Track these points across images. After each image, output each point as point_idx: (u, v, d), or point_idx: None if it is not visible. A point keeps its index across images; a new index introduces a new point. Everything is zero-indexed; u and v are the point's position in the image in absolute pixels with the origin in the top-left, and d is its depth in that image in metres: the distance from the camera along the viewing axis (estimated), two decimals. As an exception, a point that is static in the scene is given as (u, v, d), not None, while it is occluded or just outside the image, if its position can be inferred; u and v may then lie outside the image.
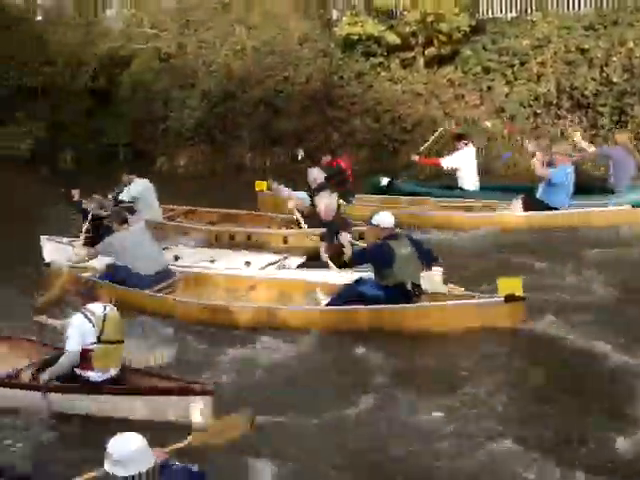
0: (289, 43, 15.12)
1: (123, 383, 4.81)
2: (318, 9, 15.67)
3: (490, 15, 14.55)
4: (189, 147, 15.27)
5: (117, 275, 6.73)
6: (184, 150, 15.34)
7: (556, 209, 8.95)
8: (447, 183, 10.50)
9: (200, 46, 15.90)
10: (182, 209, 10.21)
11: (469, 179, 10.09)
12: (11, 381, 4.87)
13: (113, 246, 6.82)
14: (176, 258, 7.71)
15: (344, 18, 14.97)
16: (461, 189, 10.13)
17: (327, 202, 7.02)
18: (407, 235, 6.28)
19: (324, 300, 6.12)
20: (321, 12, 15.72)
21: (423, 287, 6.00)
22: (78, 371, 4.78)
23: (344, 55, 14.70)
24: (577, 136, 10.19)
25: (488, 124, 12.27)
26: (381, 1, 14.49)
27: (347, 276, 6.30)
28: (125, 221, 7.00)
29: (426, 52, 13.91)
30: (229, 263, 7.49)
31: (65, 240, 8.15)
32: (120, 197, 9.10)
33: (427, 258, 6.15)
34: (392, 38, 14.22)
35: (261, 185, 9.50)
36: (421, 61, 14.09)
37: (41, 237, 8.34)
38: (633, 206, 8.81)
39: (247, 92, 14.88)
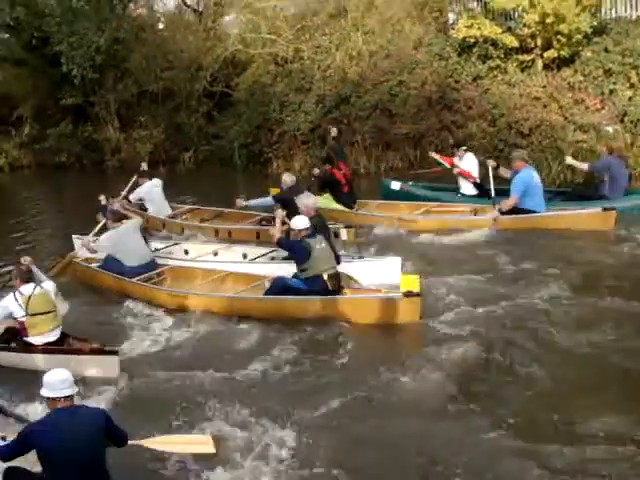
0: (404, 47, 16.36)
1: (60, 345, 6.50)
2: (434, 12, 16.58)
3: (613, 15, 14.92)
4: (304, 151, 16.60)
5: (110, 265, 8.53)
6: (299, 154, 16.73)
7: (533, 212, 10.04)
8: (453, 187, 11.73)
9: (316, 51, 17.40)
10: (186, 208, 12.12)
11: (468, 184, 11.29)
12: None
13: (107, 241, 8.57)
14: (186, 252, 9.49)
15: (460, 21, 16.02)
16: (462, 194, 11.38)
17: (305, 202, 8.28)
18: (323, 234, 7.61)
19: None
20: (437, 15, 16.81)
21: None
22: (23, 337, 6.55)
23: (460, 58, 15.84)
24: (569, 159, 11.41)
25: (609, 129, 12.84)
26: (499, 3, 15.24)
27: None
28: (119, 219, 8.73)
29: (545, 54, 14.65)
30: (229, 256, 9.10)
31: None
32: (130, 197, 11.13)
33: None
34: (510, 40, 15.03)
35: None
36: (539, 64, 14.89)
37: (73, 236, 10.16)
38: (604, 209, 9.70)
39: (362, 97, 16.21)
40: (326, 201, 10.89)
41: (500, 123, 14.60)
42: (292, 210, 8.38)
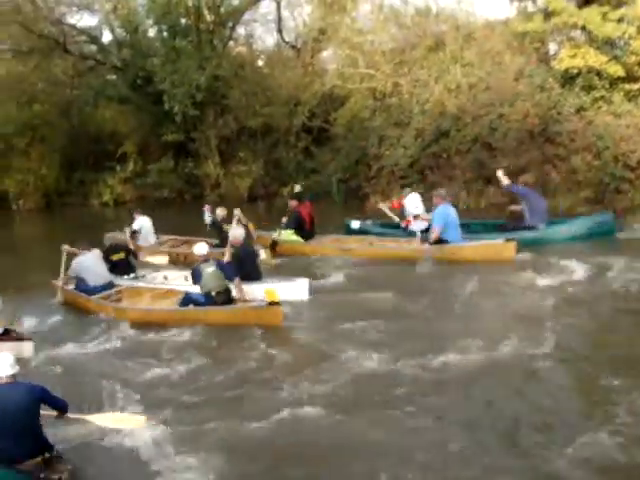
0: (505, 79, 16.94)
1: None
2: (535, 43, 17.13)
3: None
4: (402, 186, 17.29)
5: (79, 285, 10.75)
6: (397, 189, 17.47)
7: (446, 242, 11.79)
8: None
9: (414, 85, 18.28)
10: (166, 237, 14.88)
11: (417, 222, 13.12)
12: None
13: (76, 266, 10.78)
14: (165, 277, 11.76)
15: (563, 50, 16.51)
16: (411, 230, 13.08)
17: (236, 234, 10.57)
18: (216, 259, 9.88)
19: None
20: (538, 46, 17.31)
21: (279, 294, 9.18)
22: None
23: (563, 89, 16.32)
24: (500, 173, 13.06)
25: None
26: (603, 31, 15.64)
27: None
28: (88, 248, 10.96)
29: (654, 83, 14.93)
30: (171, 278, 11.67)
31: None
32: (132, 228, 14.04)
33: (230, 275, 9.67)
34: (615, 69, 15.45)
35: None
36: (648, 93, 15.08)
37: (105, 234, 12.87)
38: (506, 240, 11.29)
39: (461, 130, 16.89)
40: (286, 234, 13.36)
41: (605, 156, 14.91)
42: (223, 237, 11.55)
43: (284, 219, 13.66)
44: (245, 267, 10.16)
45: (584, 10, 16.39)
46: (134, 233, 14.00)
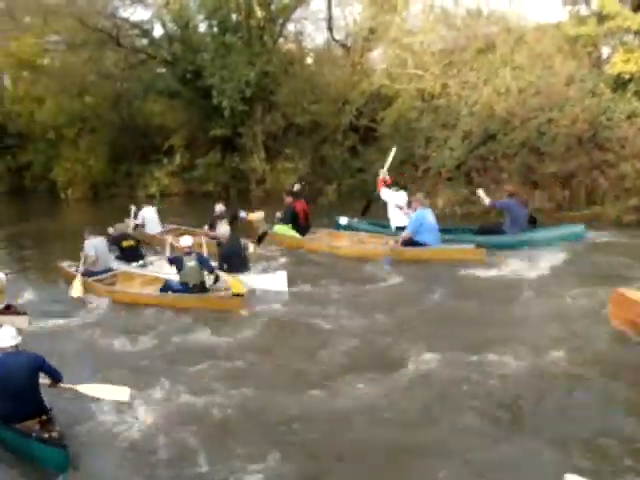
0: (555, 83, 17.05)
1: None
2: (587, 47, 17.21)
3: None
4: (448, 188, 17.67)
5: (88, 270, 12.13)
6: (443, 190, 17.79)
7: (423, 245, 12.76)
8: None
9: (463, 87, 18.50)
10: (171, 227, 16.68)
11: (393, 218, 13.97)
12: None
13: (91, 249, 12.21)
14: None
15: (616, 55, 16.52)
16: (397, 227, 13.89)
17: (222, 230, 12.10)
18: (197, 253, 11.25)
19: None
20: (590, 50, 17.38)
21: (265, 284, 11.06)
22: None
23: (614, 94, 16.36)
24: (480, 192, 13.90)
25: None
26: (659, 35, 15.66)
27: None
28: (92, 234, 12.37)
29: None
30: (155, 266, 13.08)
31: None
32: (135, 222, 15.95)
33: (209, 268, 11.10)
34: (669, 76, 15.36)
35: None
36: (702, 99, 15.13)
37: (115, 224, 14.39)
38: (477, 246, 12.37)
39: (509, 134, 17.08)
40: (283, 229, 14.60)
41: (656, 163, 15.01)
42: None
43: (278, 214, 14.88)
44: (232, 260, 11.63)
45: (639, 14, 16.46)
46: (137, 227, 15.86)
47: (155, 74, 26.87)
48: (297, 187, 16.10)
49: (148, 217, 16.34)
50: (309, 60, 24.44)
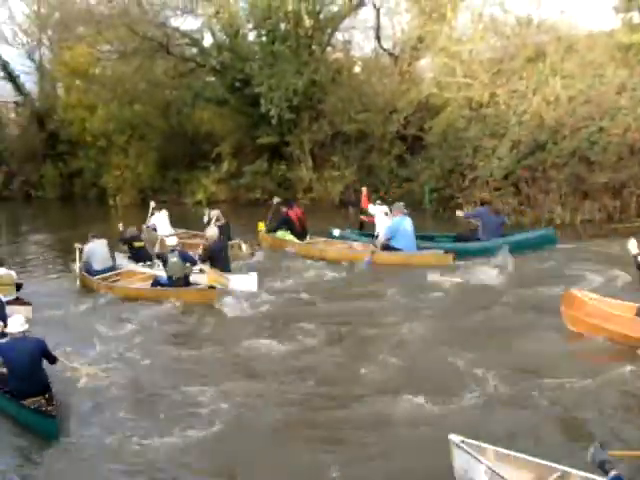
0: (606, 92, 17.09)
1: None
2: (639, 55, 17.17)
3: None
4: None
5: (87, 267, 13.72)
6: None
7: (398, 250, 13.78)
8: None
9: (512, 95, 18.61)
10: (181, 231, 18.05)
11: (382, 228, 14.60)
12: None
13: (87, 251, 13.78)
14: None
15: (669, 63, 16.38)
16: (375, 236, 14.83)
17: (210, 232, 13.13)
18: (180, 250, 12.44)
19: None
20: (643, 58, 17.26)
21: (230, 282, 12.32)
22: None
23: (668, 103, 16.15)
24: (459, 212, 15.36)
25: None
26: None
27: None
28: (94, 237, 13.93)
29: None
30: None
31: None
32: (149, 225, 17.77)
33: (191, 261, 12.41)
34: None
35: (261, 226, 16.45)
36: None
37: (127, 227, 15.34)
38: (445, 251, 13.47)
39: (558, 143, 17.14)
40: (282, 234, 15.87)
41: None
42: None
43: (261, 223, 16.67)
44: (217, 259, 12.85)
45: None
46: (151, 229, 17.51)
47: (204, 82, 27.51)
48: (276, 200, 17.46)
49: (159, 220, 17.90)
50: (357, 69, 24.79)
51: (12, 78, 40.46)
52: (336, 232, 15.82)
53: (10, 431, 7.55)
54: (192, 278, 12.46)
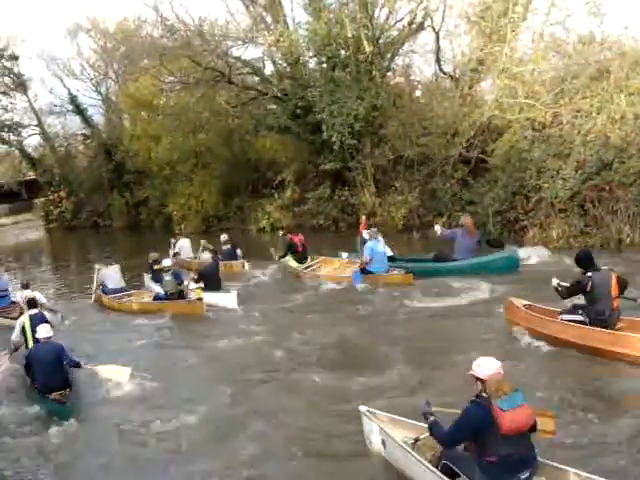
0: (674, 109, 16.85)
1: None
2: None
3: None
4: (561, 219, 17.78)
5: (103, 288, 16.71)
6: (556, 222, 17.93)
7: (371, 272, 15.54)
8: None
9: (576, 115, 18.66)
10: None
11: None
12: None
13: (102, 275, 16.94)
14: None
15: None
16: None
17: (204, 257, 16.43)
18: (173, 271, 15.40)
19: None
20: None
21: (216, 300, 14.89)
22: None
23: None
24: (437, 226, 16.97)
25: None
26: None
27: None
28: (110, 264, 17.52)
29: None
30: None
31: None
32: (174, 250, 20.71)
33: (179, 280, 15.15)
34: None
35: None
36: None
37: (152, 253, 18.31)
38: (407, 272, 15.22)
39: (625, 162, 17.10)
40: (287, 259, 18.12)
41: None
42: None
43: (273, 249, 19.07)
44: (209, 280, 15.31)
45: None
46: (175, 254, 20.25)
47: (265, 110, 28.34)
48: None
49: (183, 246, 20.93)
50: (418, 93, 25.24)
51: (80, 111, 42.51)
52: (344, 255, 17.88)
53: (35, 416, 9.47)
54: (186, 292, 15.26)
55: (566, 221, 17.77)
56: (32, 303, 11.79)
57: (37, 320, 10.86)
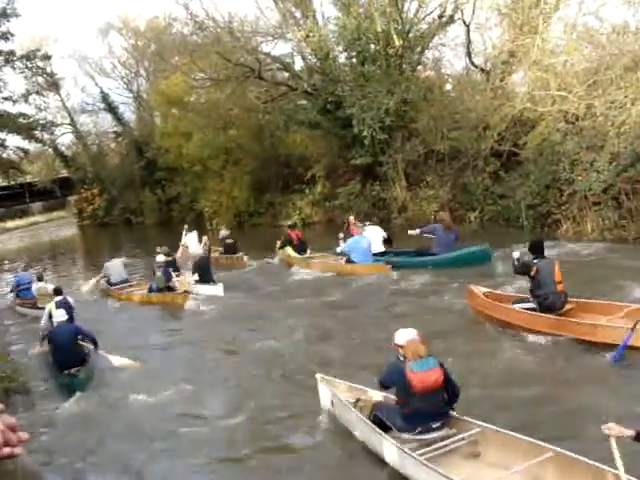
0: None
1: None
2: None
3: None
4: (595, 212, 17.70)
5: (107, 280, 18.80)
6: (590, 215, 17.86)
7: (355, 263, 17.22)
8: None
9: (610, 106, 18.51)
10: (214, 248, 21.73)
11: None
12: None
13: (105, 268, 19.18)
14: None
15: None
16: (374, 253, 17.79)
17: (198, 251, 18.77)
18: (164, 267, 17.16)
19: None
20: None
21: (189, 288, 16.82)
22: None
23: None
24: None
25: None
26: None
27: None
28: (112, 257, 20.58)
29: None
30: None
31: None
32: (184, 244, 21.68)
33: (167, 277, 16.89)
34: None
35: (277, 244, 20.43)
36: None
37: (160, 247, 19.43)
38: (385, 262, 16.91)
39: (661, 154, 16.84)
40: (287, 250, 19.62)
41: None
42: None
43: (278, 242, 20.31)
44: (202, 271, 17.21)
45: None
46: (183, 245, 21.73)
47: (296, 105, 28.52)
48: (224, 233, 22.11)
49: (191, 239, 21.88)
50: (448, 86, 25.20)
51: (112, 109, 43.17)
52: (339, 249, 18.48)
53: (54, 388, 11.28)
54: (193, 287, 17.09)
55: (600, 214, 17.67)
56: (57, 291, 13.47)
57: (61, 305, 12.54)
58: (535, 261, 10.58)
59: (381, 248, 17.89)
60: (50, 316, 12.47)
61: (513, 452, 6.44)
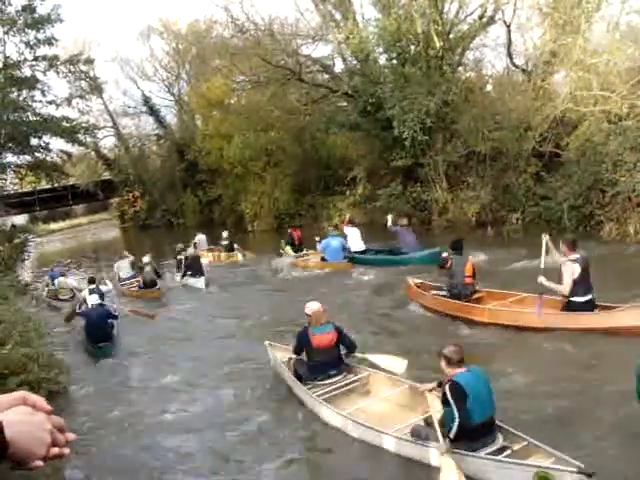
0: None
1: None
2: None
3: None
4: (639, 214, 17.76)
5: (119, 277, 21.74)
6: (633, 217, 17.95)
7: (326, 260, 20.30)
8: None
9: (652, 106, 18.48)
10: (214, 247, 26.10)
11: (354, 246, 20.62)
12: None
13: (115, 266, 22.52)
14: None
15: None
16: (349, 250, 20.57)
17: (190, 252, 21.17)
18: (152, 265, 20.16)
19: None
20: None
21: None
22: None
23: None
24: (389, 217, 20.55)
25: None
26: None
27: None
28: (121, 257, 23.05)
29: None
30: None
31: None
32: (194, 241, 25.45)
33: (157, 274, 20.19)
34: None
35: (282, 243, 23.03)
36: None
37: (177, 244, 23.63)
38: (349, 260, 19.89)
39: None
40: (287, 249, 22.23)
41: None
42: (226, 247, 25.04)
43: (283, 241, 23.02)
44: (193, 268, 20.08)
45: None
46: (194, 245, 24.31)
47: (336, 107, 28.97)
48: (225, 234, 25.21)
49: (201, 240, 25.92)
50: (489, 87, 25.37)
51: (153, 112, 44.07)
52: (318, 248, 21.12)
53: (88, 358, 13.79)
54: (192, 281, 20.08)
55: (640, 216, 17.80)
56: (91, 280, 16.09)
57: (94, 291, 15.29)
58: (451, 256, 12.95)
59: (361, 247, 20.64)
60: (84, 301, 15.30)
61: (390, 387, 8.94)
